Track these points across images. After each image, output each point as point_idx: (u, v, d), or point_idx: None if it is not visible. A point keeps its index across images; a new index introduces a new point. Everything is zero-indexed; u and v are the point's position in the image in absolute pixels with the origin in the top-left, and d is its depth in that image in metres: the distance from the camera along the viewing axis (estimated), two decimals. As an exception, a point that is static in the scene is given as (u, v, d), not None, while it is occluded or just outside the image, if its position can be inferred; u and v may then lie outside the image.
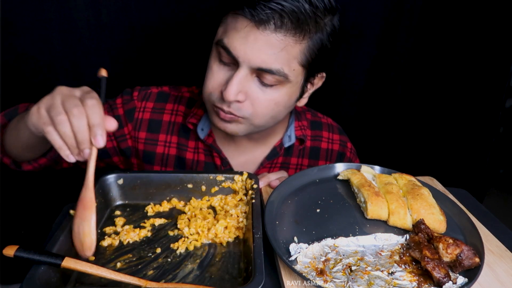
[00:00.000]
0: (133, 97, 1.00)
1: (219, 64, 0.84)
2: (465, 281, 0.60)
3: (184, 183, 0.82)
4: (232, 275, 0.64)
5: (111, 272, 0.59)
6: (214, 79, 0.84)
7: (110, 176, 0.79)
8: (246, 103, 0.83)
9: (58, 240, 0.61)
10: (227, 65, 0.83)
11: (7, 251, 0.57)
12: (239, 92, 0.81)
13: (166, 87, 1.06)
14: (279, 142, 1.03)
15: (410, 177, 0.84)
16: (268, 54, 0.77)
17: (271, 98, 0.83)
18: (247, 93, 0.82)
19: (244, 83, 0.81)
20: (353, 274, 0.62)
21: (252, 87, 0.82)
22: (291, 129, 1.04)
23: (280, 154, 1.03)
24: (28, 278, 0.54)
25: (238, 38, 0.78)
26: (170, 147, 1.01)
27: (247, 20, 0.76)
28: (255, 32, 0.76)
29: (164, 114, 1.01)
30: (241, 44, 0.77)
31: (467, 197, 0.93)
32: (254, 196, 0.77)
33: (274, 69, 0.78)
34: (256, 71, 0.80)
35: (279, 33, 0.76)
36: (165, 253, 0.68)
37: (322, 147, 1.08)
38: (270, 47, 0.77)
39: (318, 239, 0.68)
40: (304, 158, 1.07)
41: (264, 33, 0.76)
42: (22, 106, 0.92)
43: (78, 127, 0.61)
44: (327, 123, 1.12)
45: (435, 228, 0.72)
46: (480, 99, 1.60)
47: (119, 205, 0.80)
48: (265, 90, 0.82)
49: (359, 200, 0.79)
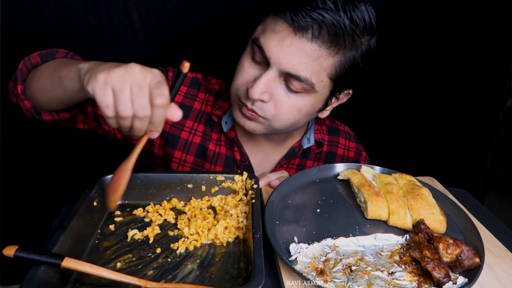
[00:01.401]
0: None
1: (251, 61, 0.85)
2: (465, 281, 0.60)
3: (184, 183, 0.82)
4: (232, 275, 0.64)
5: (111, 272, 0.59)
6: (244, 75, 0.86)
7: (110, 176, 0.79)
8: (269, 104, 0.84)
9: (58, 240, 0.61)
10: (259, 64, 0.84)
11: (7, 251, 0.57)
12: (264, 92, 0.82)
13: (200, 74, 1.06)
14: (298, 143, 1.04)
15: (410, 177, 0.84)
16: (300, 61, 0.78)
17: (294, 104, 0.84)
18: (272, 95, 0.83)
19: (271, 84, 0.82)
20: (353, 274, 0.62)
21: (278, 90, 0.83)
22: (310, 132, 1.05)
23: (297, 155, 1.04)
24: (28, 278, 0.54)
25: (274, 39, 0.79)
26: (195, 135, 1.01)
27: (286, 24, 0.77)
28: (292, 37, 0.77)
29: (196, 101, 1.02)
30: (275, 46, 0.79)
31: (467, 197, 0.93)
32: (254, 196, 0.76)
33: (303, 76, 0.79)
34: (284, 75, 0.81)
35: (314, 43, 0.77)
36: (165, 253, 0.68)
37: (338, 153, 1.10)
38: (303, 54, 0.78)
39: (318, 239, 0.68)
40: (320, 162, 1.08)
41: (300, 40, 0.77)
42: (61, 51, 0.87)
43: (139, 127, 0.62)
44: (344, 131, 1.14)
45: (435, 228, 0.72)
46: (480, 99, 1.60)
47: (119, 205, 0.80)
48: (290, 95, 0.83)
49: (359, 200, 0.79)
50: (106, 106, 0.59)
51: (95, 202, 0.74)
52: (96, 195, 0.75)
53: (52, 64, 0.81)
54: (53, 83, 0.76)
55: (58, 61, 0.81)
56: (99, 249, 0.69)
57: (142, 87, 0.59)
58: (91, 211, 0.73)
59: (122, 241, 0.71)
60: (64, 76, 0.73)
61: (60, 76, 0.73)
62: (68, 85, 0.72)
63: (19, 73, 0.83)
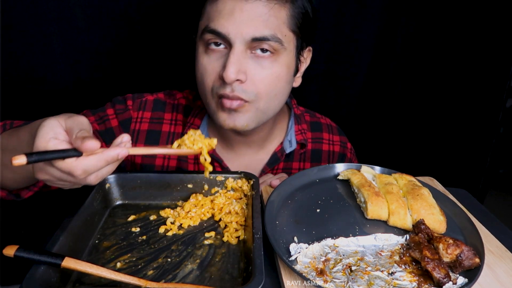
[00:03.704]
0: (127, 107, 0.96)
1: (209, 55, 0.83)
2: (465, 281, 0.60)
3: (184, 183, 0.82)
4: (232, 275, 0.64)
5: (111, 272, 0.59)
6: (210, 70, 0.83)
7: (110, 176, 0.79)
8: (248, 83, 0.82)
9: (58, 240, 0.61)
10: (218, 52, 0.82)
11: (7, 251, 0.57)
12: (238, 70, 0.79)
13: (161, 93, 1.02)
14: (280, 147, 1.01)
15: (410, 177, 0.84)
16: (258, 21, 0.78)
17: (271, 72, 0.83)
18: (247, 72, 0.81)
19: (242, 60, 0.80)
20: (353, 274, 0.62)
21: (250, 64, 0.81)
22: (291, 134, 1.02)
23: (281, 160, 1.01)
24: (28, 278, 0.54)
25: (224, 15, 0.78)
26: (170, 159, 0.97)
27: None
28: (239, 4, 0.77)
29: (163, 124, 0.98)
30: (228, 20, 0.77)
31: (467, 197, 0.93)
32: (254, 196, 0.77)
33: (268, 35, 0.78)
34: (250, 44, 0.79)
35: (262, 0, 0.77)
36: (165, 253, 0.68)
37: (323, 149, 1.07)
38: (257, 15, 0.77)
39: (318, 239, 0.68)
40: (306, 162, 1.05)
41: (248, 2, 0.77)
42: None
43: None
44: (326, 124, 1.11)
45: (435, 228, 0.72)
46: (480, 99, 1.60)
47: (119, 205, 0.80)
48: (263, 65, 0.82)
49: (359, 200, 0.79)
50: None
51: (95, 202, 0.74)
52: (96, 195, 0.75)
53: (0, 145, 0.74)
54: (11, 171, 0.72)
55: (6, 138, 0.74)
56: (99, 249, 0.69)
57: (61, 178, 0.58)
58: (91, 211, 0.73)
59: (122, 241, 0.71)
60: None
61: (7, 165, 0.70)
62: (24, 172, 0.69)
63: None
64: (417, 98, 1.58)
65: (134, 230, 0.74)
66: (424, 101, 1.59)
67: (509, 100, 1.65)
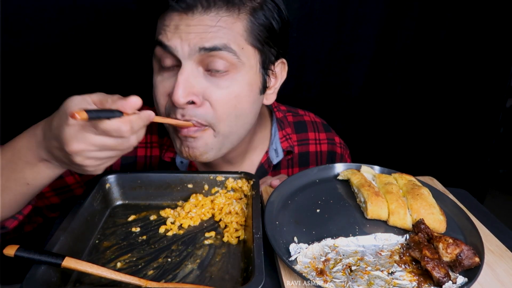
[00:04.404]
0: None
1: (161, 74, 0.77)
2: (465, 281, 0.60)
3: (184, 183, 0.82)
4: (232, 275, 0.64)
5: (111, 272, 0.59)
6: (160, 91, 0.77)
7: (110, 176, 0.79)
8: (204, 106, 0.75)
9: (58, 240, 0.61)
10: (170, 70, 0.76)
11: (7, 251, 0.57)
12: (189, 92, 0.72)
13: None
14: (265, 158, 0.95)
15: (410, 177, 0.84)
16: (206, 32, 0.71)
17: (229, 92, 0.75)
18: (202, 93, 0.74)
19: (192, 80, 0.73)
20: (353, 274, 0.62)
21: (203, 83, 0.74)
22: (276, 142, 0.96)
23: (268, 172, 0.96)
24: (28, 278, 0.54)
25: (170, 30, 0.72)
26: (152, 148, 0.93)
27: (174, 13, 0.72)
28: (185, 19, 0.71)
29: (138, 148, 0.92)
30: (174, 34, 0.72)
31: (467, 197, 0.93)
32: (254, 196, 0.77)
33: (219, 44, 0.71)
34: (201, 58, 0.72)
35: (210, 12, 0.71)
36: (165, 253, 0.69)
37: (310, 150, 1.03)
38: (205, 26, 0.71)
39: (318, 239, 0.68)
40: (294, 167, 1.01)
41: (194, 18, 0.71)
42: None
43: (135, 141, 0.61)
44: (311, 121, 1.06)
45: (435, 228, 0.72)
46: (480, 99, 1.60)
47: (119, 205, 0.80)
48: (220, 84, 0.74)
49: (359, 200, 0.79)
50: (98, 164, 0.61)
51: (95, 202, 0.74)
52: (96, 195, 0.75)
53: None
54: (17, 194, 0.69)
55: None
56: (99, 249, 0.69)
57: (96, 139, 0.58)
58: (91, 211, 0.73)
59: (123, 241, 0.71)
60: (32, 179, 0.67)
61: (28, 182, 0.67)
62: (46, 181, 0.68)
63: None
64: (417, 98, 1.59)
65: (134, 230, 0.74)
66: (424, 101, 1.60)
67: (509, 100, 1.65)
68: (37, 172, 0.66)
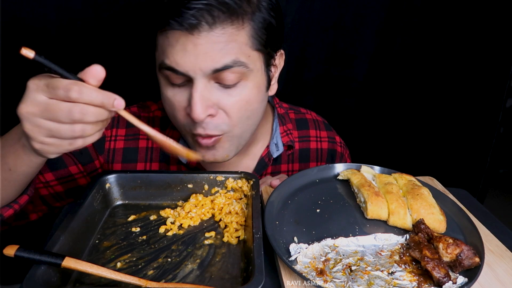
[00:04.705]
0: None
1: (173, 88, 0.77)
2: (465, 281, 0.60)
3: (184, 183, 0.82)
4: (232, 275, 0.64)
5: (111, 272, 0.59)
6: (176, 106, 0.78)
7: (110, 176, 0.79)
8: (220, 115, 0.77)
9: (58, 240, 0.61)
10: (182, 85, 0.76)
11: (7, 251, 0.57)
12: (206, 106, 0.74)
13: (134, 107, 0.96)
14: (266, 152, 0.97)
15: (410, 177, 0.84)
16: (215, 51, 0.71)
17: (241, 99, 0.77)
18: (216, 104, 0.76)
19: (207, 94, 0.74)
20: (353, 274, 0.62)
21: (217, 95, 0.75)
22: (277, 137, 0.98)
23: (269, 165, 0.98)
24: (28, 278, 0.54)
25: (178, 52, 0.71)
26: None
27: (178, 32, 0.70)
28: (191, 39, 0.70)
29: (140, 140, 0.93)
30: (182, 57, 0.71)
31: (467, 197, 0.93)
32: (254, 196, 0.77)
33: (230, 62, 0.72)
34: (212, 76, 0.73)
35: (216, 29, 0.70)
36: (165, 253, 0.69)
37: (311, 147, 1.04)
38: (214, 45, 0.70)
39: (318, 239, 0.68)
40: (294, 163, 1.02)
41: (200, 36, 0.69)
42: None
43: (92, 118, 0.54)
44: (313, 119, 1.07)
45: (435, 228, 0.72)
46: (480, 99, 1.60)
47: (119, 205, 0.80)
48: (231, 93, 0.76)
49: (359, 200, 0.79)
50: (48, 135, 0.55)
51: (95, 202, 0.74)
52: (96, 195, 0.75)
53: None
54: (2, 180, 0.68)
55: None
56: (99, 249, 0.69)
57: (48, 104, 0.53)
58: (91, 211, 0.73)
59: (123, 241, 0.71)
60: (13, 165, 0.66)
61: (10, 168, 0.66)
62: (27, 169, 0.66)
63: None
64: (417, 98, 1.59)
65: (134, 230, 0.74)
66: (424, 101, 1.60)
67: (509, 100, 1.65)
68: (17, 157, 0.65)
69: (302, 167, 1.03)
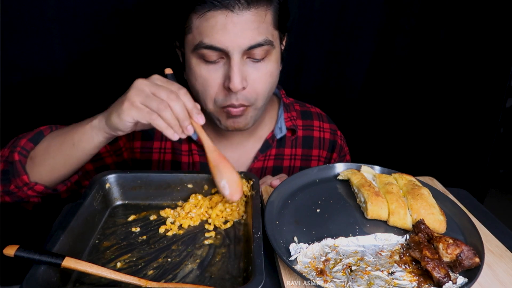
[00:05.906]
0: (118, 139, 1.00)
1: (207, 66, 0.85)
2: (465, 281, 0.60)
3: (184, 183, 0.82)
4: (232, 275, 0.64)
5: (111, 272, 0.59)
6: (210, 82, 0.86)
7: (110, 176, 0.79)
8: (249, 88, 0.86)
9: (58, 240, 0.61)
10: (215, 63, 0.85)
11: (7, 251, 0.57)
12: (242, 78, 0.83)
13: None
14: (271, 134, 1.04)
15: (410, 177, 0.84)
16: (251, 29, 0.80)
17: (266, 72, 0.87)
18: (247, 78, 0.85)
19: (242, 68, 0.84)
20: (353, 274, 0.62)
21: (248, 70, 0.85)
22: (281, 121, 1.06)
23: (273, 146, 1.05)
24: (28, 278, 0.54)
25: (218, 31, 0.80)
26: (165, 153, 1.02)
27: (219, 11, 0.79)
28: (231, 17, 0.79)
29: (153, 153, 1.02)
30: (224, 35, 0.80)
31: (467, 197, 0.93)
32: (254, 196, 0.77)
33: (262, 40, 0.82)
34: (246, 52, 0.82)
35: (252, 8, 0.80)
36: (165, 253, 0.69)
37: (314, 135, 1.10)
38: (250, 24, 0.80)
39: (318, 239, 0.68)
40: (297, 148, 1.08)
41: (239, 15, 0.79)
42: (45, 128, 0.88)
43: (178, 111, 0.70)
44: (317, 113, 1.14)
45: (435, 228, 0.72)
46: (480, 99, 1.60)
47: (119, 205, 0.80)
48: (258, 67, 0.86)
49: (359, 200, 0.79)
50: (148, 112, 0.70)
51: (95, 202, 0.74)
52: (96, 195, 0.75)
53: (51, 141, 0.84)
54: (66, 155, 0.81)
55: (55, 135, 0.85)
56: (99, 249, 0.69)
57: (159, 86, 0.71)
58: (91, 211, 0.73)
59: (122, 241, 0.71)
60: (77, 141, 0.80)
61: (74, 143, 0.80)
62: (86, 145, 0.80)
63: (19, 165, 0.82)
64: (417, 98, 1.58)
65: (134, 230, 0.74)
66: (424, 101, 1.59)
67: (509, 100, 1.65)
68: (82, 134, 0.79)
69: (305, 153, 1.09)
